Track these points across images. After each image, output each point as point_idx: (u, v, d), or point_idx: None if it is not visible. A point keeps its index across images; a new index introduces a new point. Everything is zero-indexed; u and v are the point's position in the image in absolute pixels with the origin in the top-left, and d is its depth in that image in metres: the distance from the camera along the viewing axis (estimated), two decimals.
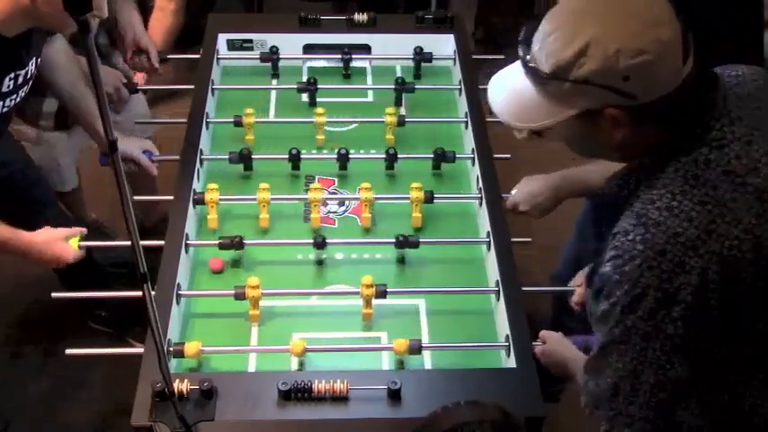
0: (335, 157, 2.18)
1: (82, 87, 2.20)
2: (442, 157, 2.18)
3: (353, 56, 2.51)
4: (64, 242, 1.94)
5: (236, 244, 1.93)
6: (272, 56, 2.48)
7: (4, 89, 1.87)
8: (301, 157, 2.18)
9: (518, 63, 1.35)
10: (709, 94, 1.29)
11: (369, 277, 1.81)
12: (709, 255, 1.23)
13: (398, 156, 2.17)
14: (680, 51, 1.24)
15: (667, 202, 1.26)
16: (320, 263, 1.98)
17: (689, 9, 1.28)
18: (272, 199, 2.03)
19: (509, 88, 1.37)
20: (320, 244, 1.94)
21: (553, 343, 1.72)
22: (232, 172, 2.19)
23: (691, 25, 1.27)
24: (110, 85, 2.47)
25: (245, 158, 2.15)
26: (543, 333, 1.74)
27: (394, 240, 1.96)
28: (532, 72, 1.30)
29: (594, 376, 1.37)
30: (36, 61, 1.97)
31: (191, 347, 1.70)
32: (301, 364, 1.74)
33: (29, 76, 1.95)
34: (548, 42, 1.26)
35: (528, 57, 1.31)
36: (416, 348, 1.73)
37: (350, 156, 2.17)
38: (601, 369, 1.35)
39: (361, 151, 2.23)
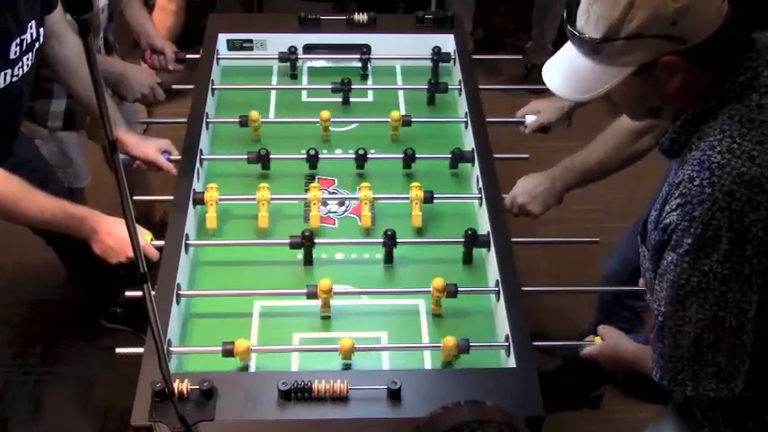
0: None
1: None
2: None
3: (352, 56, 2.52)
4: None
5: (306, 238, 1.92)
6: (289, 56, 2.48)
7: (12, 56, 1.86)
8: (270, 157, 2.18)
9: (567, 44, 1.40)
10: (752, 36, 1.34)
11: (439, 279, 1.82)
12: None
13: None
14: None
15: (728, 145, 1.29)
16: (319, 263, 1.98)
17: None
18: (272, 198, 2.04)
19: (563, 67, 1.41)
20: (391, 239, 1.93)
21: (614, 336, 1.72)
22: (232, 172, 2.19)
23: None
24: (146, 86, 2.48)
25: (262, 159, 2.15)
26: (602, 328, 1.75)
27: (462, 239, 1.95)
28: (584, 43, 1.34)
29: (672, 337, 1.38)
30: (38, 28, 1.94)
31: (240, 345, 1.70)
32: (348, 366, 1.75)
33: (30, 41, 1.92)
34: (594, 9, 1.30)
35: (576, 32, 1.35)
36: (465, 348, 1.73)
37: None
38: (679, 327, 1.36)
39: (360, 151, 2.23)
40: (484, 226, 2.02)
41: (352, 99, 2.42)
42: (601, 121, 2.04)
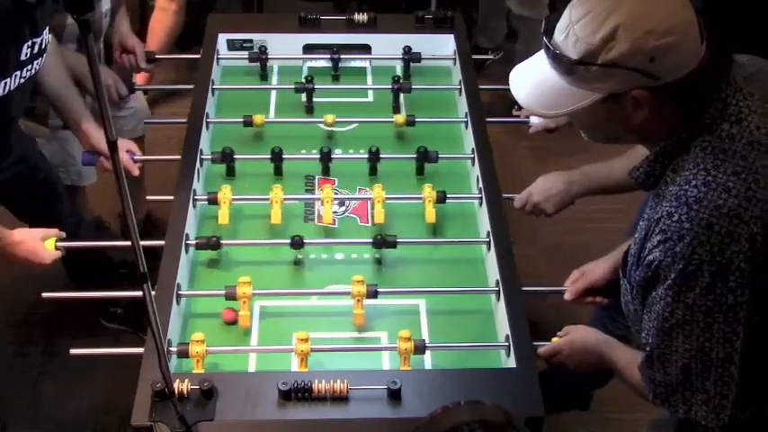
0: (305, 157, 2.18)
1: (70, 86, 2.18)
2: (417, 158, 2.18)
3: (355, 56, 2.52)
4: (37, 242, 1.93)
5: (212, 244, 1.93)
6: (260, 55, 2.47)
7: (23, 57, 1.88)
8: (284, 157, 2.17)
9: (540, 53, 1.38)
10: (723, 73, 1.33)
11: (359, 276, 1.82)
12: (753, 220, 1.27)
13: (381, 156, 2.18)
14: (698, 32, 1.28)
15: (703, 178, 1.29)
16: (319, 263, 1.98)
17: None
18: (285, 199, 2.04)
19: (533, 78, 1.39)
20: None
21: (577, 330, 1.72)
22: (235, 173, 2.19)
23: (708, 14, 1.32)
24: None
25: (227, 158, 2.14)
26: (567, 328, 1.75)
27: (371, 240, 1.96)
28: (558, 59, 1.32)
29: (661, 365, 1.38)
30: (48, 32, 1.95)
31: (195, 347, 1.70)
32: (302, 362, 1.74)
33: (43, 46, 1.94)
34: (575, 29, 1.29)
35: (552, 45, 1.33)
36: (421, 348, 1.73)
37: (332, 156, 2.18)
38: (667, 356, 1.37)
39: (361, 151, 2.23)
40: (484, 226, 2.02)
41: (354, 99, 2.41)
42: None
